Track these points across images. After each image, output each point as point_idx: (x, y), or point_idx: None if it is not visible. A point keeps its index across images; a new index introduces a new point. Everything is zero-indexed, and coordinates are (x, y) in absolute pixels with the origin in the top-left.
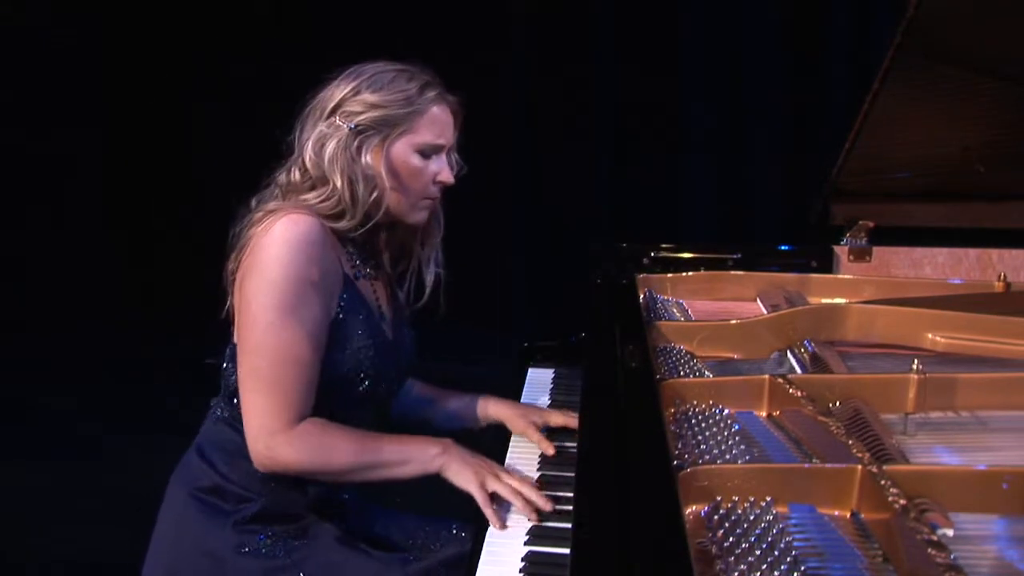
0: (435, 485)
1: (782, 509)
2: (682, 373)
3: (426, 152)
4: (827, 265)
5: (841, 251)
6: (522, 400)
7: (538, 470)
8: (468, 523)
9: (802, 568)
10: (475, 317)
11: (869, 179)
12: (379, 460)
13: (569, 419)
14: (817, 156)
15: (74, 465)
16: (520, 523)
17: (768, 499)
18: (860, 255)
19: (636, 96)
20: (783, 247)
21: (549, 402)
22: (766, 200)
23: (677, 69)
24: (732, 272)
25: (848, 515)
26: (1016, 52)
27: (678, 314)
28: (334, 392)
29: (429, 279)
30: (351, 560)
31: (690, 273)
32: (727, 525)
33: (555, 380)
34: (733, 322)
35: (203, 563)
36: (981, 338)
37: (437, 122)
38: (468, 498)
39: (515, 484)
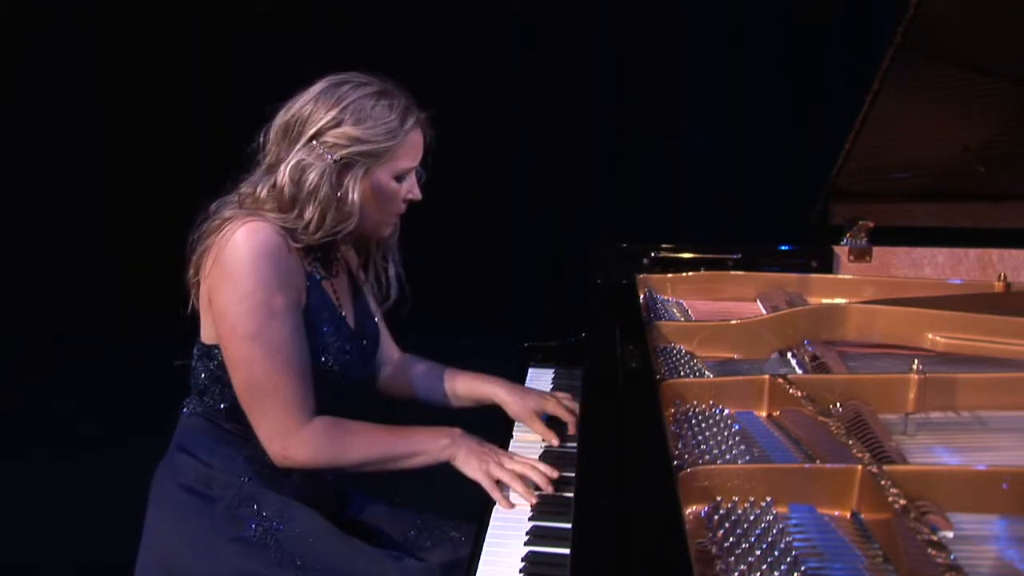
0: (435, 482)
1: (782, 509)
2: (682, 373)
3: (402, 177)
4: (827, 265)
5: (841, 251)
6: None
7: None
8: (464, 523)
9: (802, 568)
10: (476, 317)
11: (869, 179)
12: (391, 453)
13: (563, 411)
14: (817, 156)
15: (74, 465)
16: (520, 522)
17: (768, 499)
18: (860, 255)
19: (636, 96)
20: (783, 247)
21: None
22: (766, 200)
23: (677, 69)
24: (732, 272)
25: (848, 515)
26: (1016, 52)
27: (678, 314)
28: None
29: (391, 277)
30: (343, 551)
31: (690, 273)
32: (727, 525)
33: (555, 380)
34: (733, 322)
35: (196, 555)
36: (981, 338)
37: (416, 147)
38: (468, 496)
39: (517, 468)
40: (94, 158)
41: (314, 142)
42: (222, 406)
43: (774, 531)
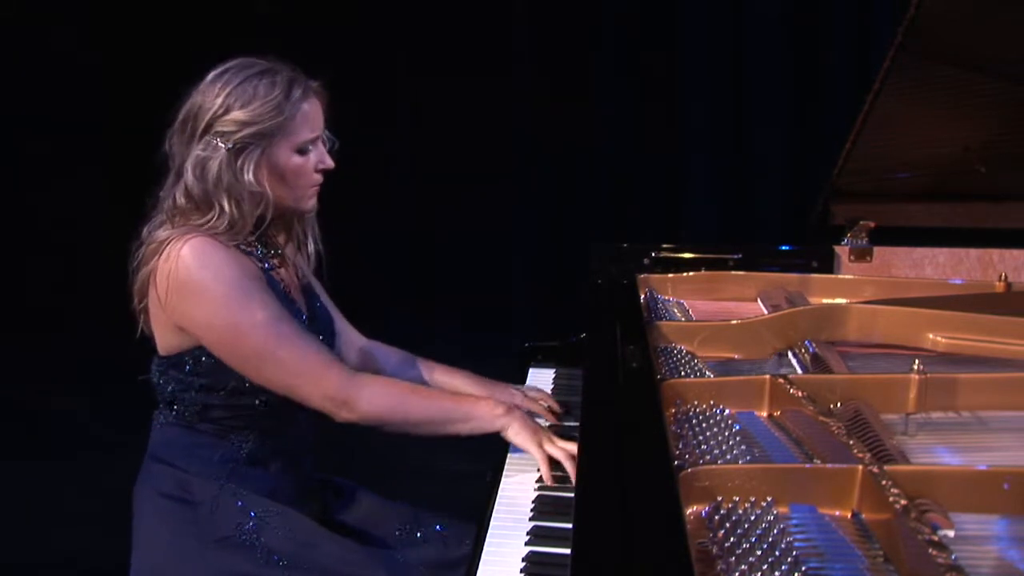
0: (435, 478)
1: (783, 509)
2: (683, 373)
3: (304, 149)
4: (828, 265)
5: (842, 251)
6: None
7: (537, 469)
8: (455, 519)
9: (803, 568)
10: (476, 317)
11: (869, 179)
12: (449, 415)
13: (533, 405)
14: (818, 156)
15: (74, 465)
16: (521, 522)
17: (769, 499)
18: (861, 255)
19: (636, 96)
20: (784, 247)
21: None
22: (767, 200)
23: (678, 68)
24: (733, 272)
25: (849, 515)
26: (1016, 52)
27: (679, 314)
28: None
29: (309, 251)
30: (330, 549)
31: (691, 273)
32: (728, 525)
33: (556, 380)
34: (734, 322)
35: (183, 559)
36: (982, 338)
37: (309, 117)
38: (460, 493)
39: (570, 448)
40: (94, 157)
41: (207, 135)
42: (193, 410)
43: (775, 531)
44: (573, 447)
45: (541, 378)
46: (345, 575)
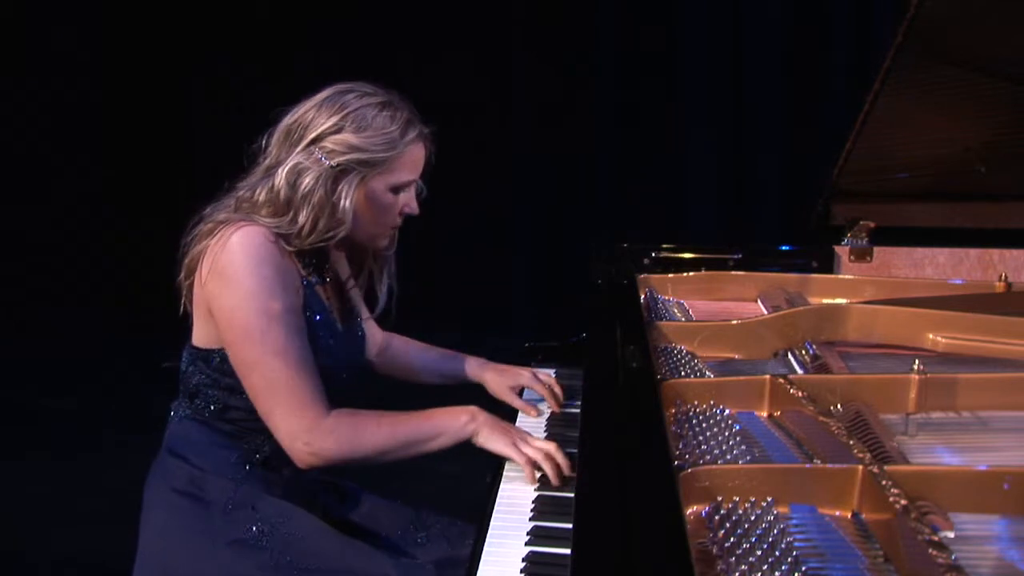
0: (435, 479)
1: (783, 509)
2: (683, 373)
3: (399, 189)
4: (828, 265)
5: (842, 251)
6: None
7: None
8: (458, 519)
9: (803, 568)
10: (476, 317)
11: (870, 179)
12: (414, 437)
13: (539, 385)
14: (818, 156)
15: (74, 465)
16: (521, 522)
17: (769, 499)
18: (861, 255)
19: (636, 96)
20: (784, 247)
21: None
22: (767, 200)
23: (677, 69)
24: (733, 272)
25: (849, 515)
26: (1016, 52)
27: (679, 314)
28: None
29: (383, 290)
30: (341, 552)
31: (691, 273)
32: (728, 525)
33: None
34: (734, 322)
35: (193, 558)
36: (982, 338)
37: (415, 161)
38: (461, 492)
39: (545, 448)
40: (93, 158)
41: (313, 147)
42: (213, 407)
43: (775, 531)
44: (550, 446)
45: None
46: (356, 573)
